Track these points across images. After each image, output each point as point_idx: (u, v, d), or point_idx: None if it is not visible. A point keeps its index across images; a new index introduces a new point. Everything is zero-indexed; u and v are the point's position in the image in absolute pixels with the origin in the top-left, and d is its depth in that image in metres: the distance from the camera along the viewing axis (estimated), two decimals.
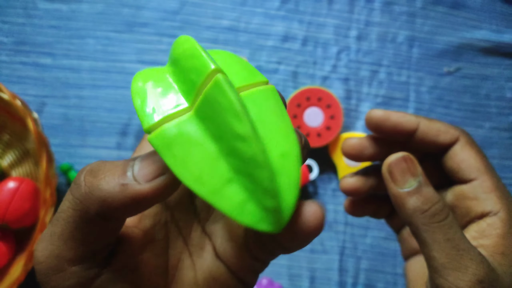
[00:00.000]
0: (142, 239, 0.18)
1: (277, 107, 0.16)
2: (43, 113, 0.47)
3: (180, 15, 0.48)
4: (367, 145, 0.26)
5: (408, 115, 0.24)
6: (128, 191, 0.15)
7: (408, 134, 0.24)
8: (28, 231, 0.42)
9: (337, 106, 0.44)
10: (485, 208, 0.22)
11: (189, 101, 0.15)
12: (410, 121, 0.24)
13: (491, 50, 0.49)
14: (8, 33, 0.47)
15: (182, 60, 0.16)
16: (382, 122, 0.24)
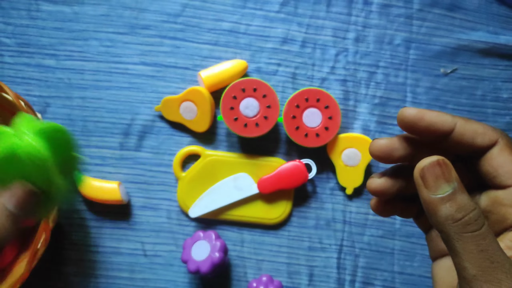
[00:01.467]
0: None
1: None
2: (46, 114, 0.47)
3: (181, 17, 0.48)
4: (397, 147, 0.24)
5: (443, 114, 0.23)
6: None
7: (443, 135, 0.23)
8: (31, 230, 0.43)
9: (335, 107, 0.45)
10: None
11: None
12: (447, 122, 0.22)
13: (488, 52, 0.49)
14: (12, 35, 0.48)
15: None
16: (416, 122, 0.23)
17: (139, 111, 0.48)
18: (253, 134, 0.45)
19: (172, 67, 0.48)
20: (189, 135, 0.48)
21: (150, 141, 0.48)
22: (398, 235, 0.48)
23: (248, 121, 0.45)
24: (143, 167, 0.47)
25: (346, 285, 0.47)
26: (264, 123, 0.45)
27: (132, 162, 0.47)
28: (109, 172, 0.47)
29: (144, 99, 0.48)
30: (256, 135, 0.45)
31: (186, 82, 0.48)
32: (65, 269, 0.46)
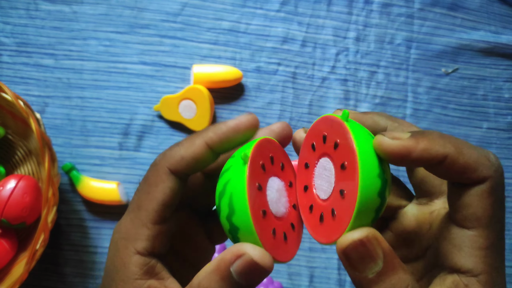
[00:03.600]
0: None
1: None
2: (45, 114, 0.47)
3: (180, 16, 0.48)
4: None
5: (434, 144, 0.19)
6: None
7: (432, 167, 0.19)
8: (30, 230, 0.43)
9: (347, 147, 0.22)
10: (464, 263, 0.19)
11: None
12: (437, 154, 0.19)
13: (489, 51, 0.49)
14: (11, 34, 0.47)
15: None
16: (402, 158, 0.19)
17: (138, 111, 0.47)
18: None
19: (172, 67, 0.48)
20: (188, 134, 0.47)
21: (149, 141, 0.47)
22: None
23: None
24: (142, 167, 0.47)
25: (347, 286, 0.47)
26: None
27: (131, 162, 0.47)
28: (108, 172, 0.47)
29: (143, 98, 0.47)
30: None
31: (185, 81, 0.48)
32: (64, 269, 0.46)
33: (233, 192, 0.19)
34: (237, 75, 0.46)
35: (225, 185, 0.20)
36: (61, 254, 0.46)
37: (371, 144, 0.19)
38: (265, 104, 0.48)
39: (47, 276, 0.46)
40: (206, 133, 0.21)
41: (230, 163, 0.20)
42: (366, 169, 0.18)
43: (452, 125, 0.49)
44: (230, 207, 0.19)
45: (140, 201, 0.21)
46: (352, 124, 0.19)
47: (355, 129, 0.19)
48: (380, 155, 0.19)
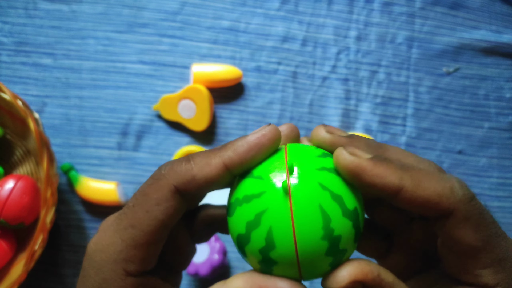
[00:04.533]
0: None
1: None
2: (44, 113, 0.47)
3: (180, 15, 0.48)
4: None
5: (389, 172, 0.17)
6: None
7: (388, 196, 0.18)
8: (29, 231, 0.42)
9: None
10: (481, 280, 0.18)
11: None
12: (391, 183, 0.17)
13: (490, 51, 0.49)
14: (9, 34, 0.47)
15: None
16: (356, 175, 0.18)
17: (137, 110, 0.47)
18: None
19: (171, 66, 0.47)
20: (187, 134, 0.47)
21: (148, 141, 0.47)
22: None
23: None
24: (141, 167, 0.47)
25: None
26: None
27: (130, 162, 0.47)
28: (107, 173, 0.47)
29: (142, 98, 0.47)
30: None
31: (184, 81, 0.47)
32: (63, 270, 0.46)
33: (273, 226, 0.17)
34: (237, 74, 0.46)
35: (258, 216, 0.17)
36: (59, 254, 0.46)
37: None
38: (265, 104, 0.47)
39: (46, 277, 0.46)
40: (225, 152, 0.18)
41: (259, 187, 0.18)
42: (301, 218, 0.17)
43: (453, 125, 0.48)
44: (269, 242, 0.17)
45: (136, 219, 0.18)
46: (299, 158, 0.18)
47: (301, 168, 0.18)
48: (337, 169, 0.18)
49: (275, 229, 0.17)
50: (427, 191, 0.17)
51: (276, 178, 0.18)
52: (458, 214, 0.17)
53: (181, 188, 0.18)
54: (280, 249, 0.17)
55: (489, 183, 0.48)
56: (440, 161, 0.48)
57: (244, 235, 0.18)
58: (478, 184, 0.48)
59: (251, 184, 0.18)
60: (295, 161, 0.18)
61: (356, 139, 0.20)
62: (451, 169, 0.48)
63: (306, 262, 0.17)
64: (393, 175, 0.17)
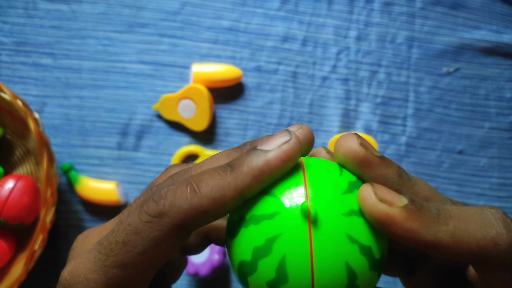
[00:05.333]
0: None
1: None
2: (43, 113, 0.47)
3: (180, 15, 0.48)
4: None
5: (426, 222, 0.15)
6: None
7: (421, 250, 0.16)
8: (28, 231, 0.42)
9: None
10: None
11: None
12: (426, 239, 0.15)
13: (491, 51, 0.49)
14: (9, 33, 0.47)
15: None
16: (385, 228, 0.15)
17: (137, 110, 0.47)
18: None
19: (171, 66, 0.47)
20: (187, 134, 0.47)
21: (148, 141, 0.47)
22: None
23: None
24: (141, 167, 0.47)
25: None
26: None
27: (130, 162, 0.47)
28: (107, 173, 0.47)
29: (142, 98, 0.47)
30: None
31: (184, 81, 0.47)
32: None
33: (288, 256, 0.15)
34: (237, 74, 0.46)
35: (270, 242, 0.15)
36: (59, 254, 0.46)
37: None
38: (265, 104, 0.47)
39: (46, 277, 0.46)
40: (240, 176, 0.15)
41: (271, 206, 0.15)
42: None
43: (454, 125, 0.48)
44: (281, 274, 0.15)
45: (128, 259, 0.15)
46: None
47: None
48: (364, 214, 0.15)
49: (290, 259, 0.15)
50: (466, 244, 0.15)
51: (293, 198, 0.15)
52: (500, 263, 0.15)
53: (187, 225, 0.15)
54: (294, 284, 0.15)
55: (490, 183, 0.48)
56: (440, 161, 0.48)
57: (249, 263, 0.15)
58: (479, 184, 0.48)
59: (262, 202, 0.16)
60: (316, 192, 0.15)
61: (387, 163, 0.17)
62: (451, 169, 0.48)
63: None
64: (428, 230, 0.15)
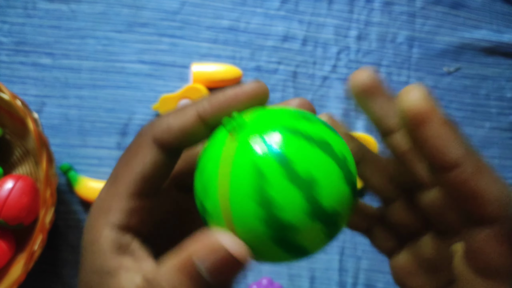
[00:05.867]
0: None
1: None
2: (43, 113, 0.47)
3: (180, 15, 0.48)
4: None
5: (460, 141, 0.15)
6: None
7: (439, 167, 0.16)
8: (28, 231, 0.42)
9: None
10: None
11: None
12: (452, 154, 0.15)
13: (491, 50, 0.49)
14: (8, 33, 0.47)
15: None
16: (418, 123, 0.15)
17: (136, 110, 0.47)
18: None
19: (170, 66, 0.47)
20: None
21: None
22: None
23: None
24: None
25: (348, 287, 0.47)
26: None
27: None
28: (106, 173, 0.47)
29: (142, 98, 0.47)
30: None
31: (184, 80, 0.47)
32: (62, 270, 0.46)
33: (206, 168, 0.16)
34: (236, 74, 0.46)
35: (200, 159, 0.17)
36: (59, 255, 0.46)
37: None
38: None
39: (45, 277, 0.46)
40: (200, 103, 0.18)
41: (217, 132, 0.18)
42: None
43: None
44: (203, 188, 0.16)
45: (117, 172, 0.18)
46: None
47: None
48: (401, 112, 0.15)
49: (207, 171, 0.16)
50: (482, 186, 0.15)
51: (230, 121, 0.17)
52: (498, 227, 0.15)
53: (158, 139, 0.18)
54: (211, 195, 0.16)
55: None
56: None
57: (196, 189, 0.17)
58: None
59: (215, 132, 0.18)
60: (255, 113, 0.17)
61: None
62: None
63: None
64: (459, 148, 0.15)
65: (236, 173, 0.15)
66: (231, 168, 0.15)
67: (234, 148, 0.16)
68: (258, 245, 0.15)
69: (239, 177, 0.15)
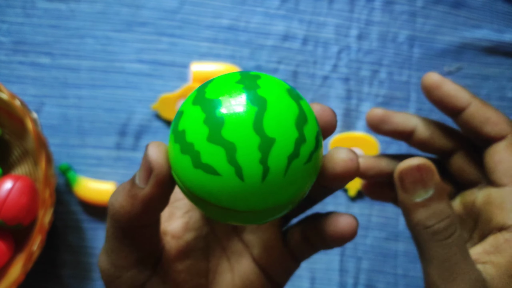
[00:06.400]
0: (185, 248, 0.21)
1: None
2: (41, 113, 0.47)
3: (179, 14, 0.47)
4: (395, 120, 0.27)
5: (462, 91, 0.23)
6: (136, 199, 0.17)
7: (457, 110, 0.23)
8: (27, 232, 0.42)
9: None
10: (507, 220, 0.20)
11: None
12: (464, 98, 0.22)
13: (492, 50, 0.49)
14: (7, 33, 0.47)
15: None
16: (435, 87, 0.23)
17: (135, 110, 0.47)
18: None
19: (170, 65, 0.47)
20: None
21: (147, 140, 0.47)
22: (401, 237, 0.47)
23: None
24: None
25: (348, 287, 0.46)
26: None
27: (129, 162, 0.47)
28: (105, 173, 0.46)
29: (141, 97, 0.47)
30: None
31: (183, 80, 0.47)
32: (61, 271, 0.46)
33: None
34: None
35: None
36: (58, 255, 0.46)
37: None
38: None
39: (44, 278, 0.46)
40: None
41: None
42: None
43: (455, 125, 0.48)
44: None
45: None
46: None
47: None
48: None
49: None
50: (490, 113, 0.22)
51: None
52: (511, 138, 0.21)
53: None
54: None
55: None
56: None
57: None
58: None
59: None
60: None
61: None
62: None
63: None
64: (465, 94, 0.22)
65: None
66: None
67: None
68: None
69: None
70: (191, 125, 0.16)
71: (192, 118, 0.16)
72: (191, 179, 0.16)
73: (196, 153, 0.15)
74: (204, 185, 0.15)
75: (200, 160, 0.15)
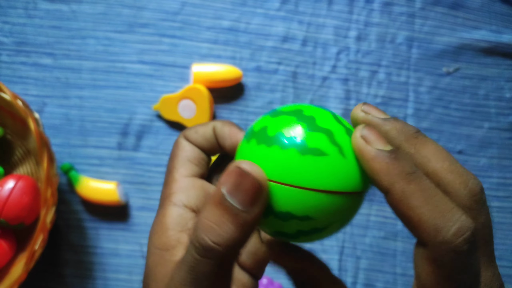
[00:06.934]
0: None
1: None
2: (44, 113, 0.47)
3: (180, 15, 0.48)
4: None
5: (389, 169, 0.16)
6: (246, 225, 0.16)
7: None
8: (29, 231, 0.42)
9: None
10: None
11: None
12: (381, 182, 0.16)
13: (490, 51, 0.49)
14: (9, 34, 0.47)
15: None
16: (359, 158, 0.18)
17: (137, 110, 0.47)
18: None
19: (171, 66, 0.47)
20: None
21: (148, 141, 0.47)
22: (400, 236, 0.47)
23: None
24: (141, 167, 0.47)
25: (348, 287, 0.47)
26: None
27: (130, 162, 0.47)
28: (107, 173, 0.47)
29: (142, 98, 0.47)
30: None
31: (184, 81, 0.47)
32: (63, 270, 0.46)
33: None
34: (237, 74, 0.46)
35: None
36: (59, 254, 0.46)
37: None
38: (265, 104, 0.47)
39: (46, 277, 0.46)
40: (219, 122, 0.23)
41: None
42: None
43: (454, 125, 0.48)
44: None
45: (169, 165, 0.23)
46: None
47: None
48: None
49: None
50: (411, 212, 0.15)
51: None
52: (432, 251, 0.15)
53: (187, 136, 0.23)
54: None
55: (489, 183, 0.48)
56: None
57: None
58: None
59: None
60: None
61: (391, 122, 0.19)
62: None
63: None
64: (387, 177, 0.16)
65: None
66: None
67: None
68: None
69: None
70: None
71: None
72: (297, 171, 0.17)
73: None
74: (310, 168, 0.18)
75: (307, 146, 0.18)
